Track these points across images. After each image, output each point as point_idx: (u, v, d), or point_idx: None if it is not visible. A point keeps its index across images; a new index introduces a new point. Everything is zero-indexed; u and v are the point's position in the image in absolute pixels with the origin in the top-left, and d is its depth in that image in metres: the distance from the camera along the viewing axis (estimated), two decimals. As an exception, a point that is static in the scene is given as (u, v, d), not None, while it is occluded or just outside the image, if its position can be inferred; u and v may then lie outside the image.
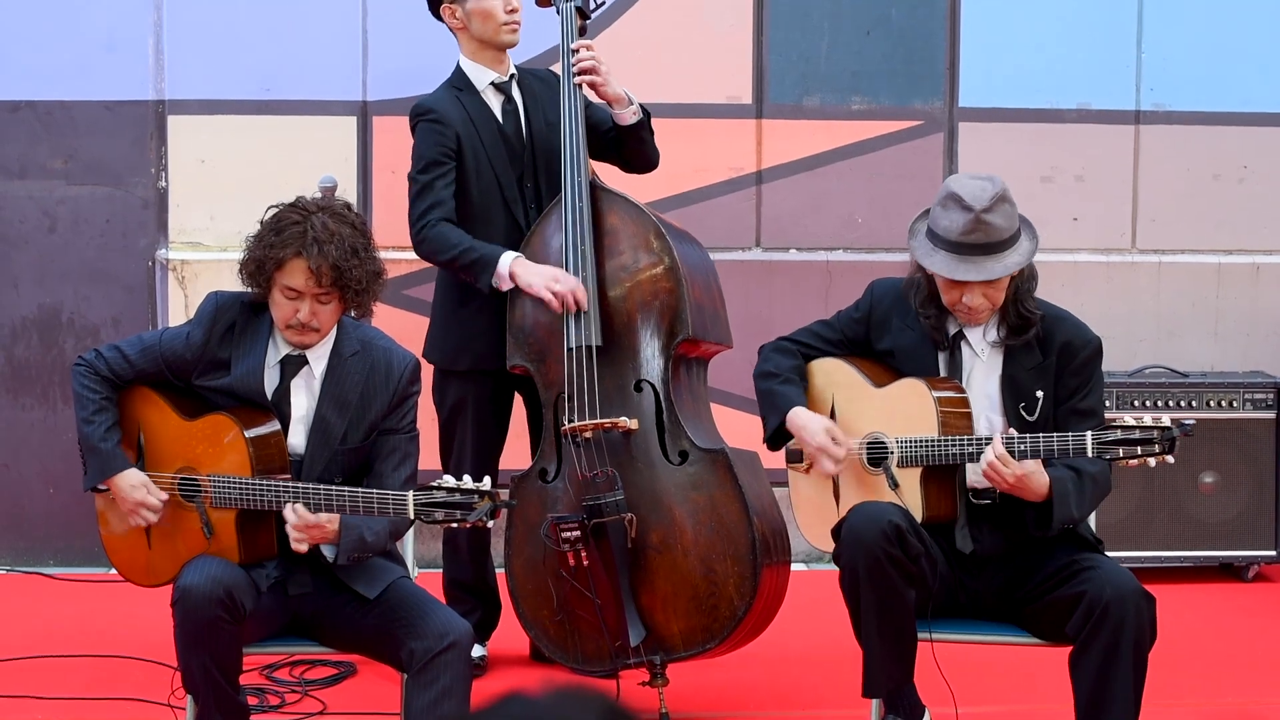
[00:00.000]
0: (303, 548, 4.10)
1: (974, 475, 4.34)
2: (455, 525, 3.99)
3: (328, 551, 4.16)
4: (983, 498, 4.36)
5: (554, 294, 4.87)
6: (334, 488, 4.09)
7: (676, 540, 4.78)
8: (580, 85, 5.10)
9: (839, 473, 4.47)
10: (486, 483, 3.99)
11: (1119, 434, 4.13)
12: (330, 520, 4.08)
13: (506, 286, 4.97)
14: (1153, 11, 6.61)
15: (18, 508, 6.45)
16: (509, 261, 4.96)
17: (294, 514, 4.06)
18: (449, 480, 3.99)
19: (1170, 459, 4.13)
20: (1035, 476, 4.20)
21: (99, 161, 6.40)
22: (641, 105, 5.21)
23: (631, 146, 5.23)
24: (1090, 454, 4.15)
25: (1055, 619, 4.24)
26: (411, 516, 4.02)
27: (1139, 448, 4.11)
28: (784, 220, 6.55)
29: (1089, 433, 4.16)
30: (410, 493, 4.00)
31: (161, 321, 6.31)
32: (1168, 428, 4.11)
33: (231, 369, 4.24)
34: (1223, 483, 6.29)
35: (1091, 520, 4.49)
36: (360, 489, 4.09)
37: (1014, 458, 4.18)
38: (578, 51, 5.11)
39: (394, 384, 4.28)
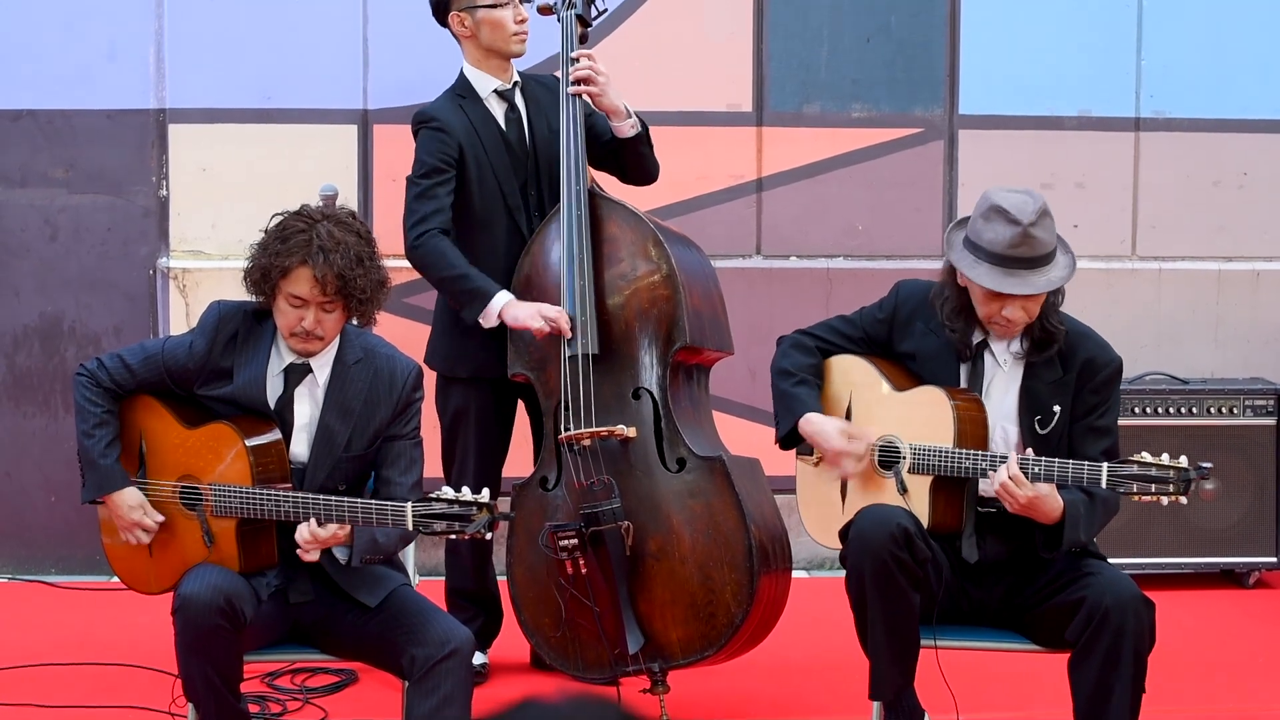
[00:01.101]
0: (312, 556, 4.11)
1: (984, 484, 4.34)
2: (454, 536, 4.00)
3: (340, 554, 4.17)
4: (987, 505, 4.36)
5: (544, 318, 4.87)
6: (334, 498, 4.09)
7: (674, 548, 4.78)
8: (579, 95, 5.10)
9: (855, 473, 4.46)
10: (485, 494, 4.00)
11: (1135, 469, 4.10)
12: (341, 527, 4.09)
13: (490, 324, 4.97)
14: (1152, 18, 6.62)
15: (19, 516, 6.46)
16: (501, 304, 4.96)
17: (307, 532, 4.06)
18: (448, 491, 4.00)
19: (1184, 500, 4.11)
20: (1048, 500, 4.20)
21: (100, 170, 6.41)
22: (641, 119, 5.21)
23: (629, 159, 5.23)
24: (1104, 485, 4.13)
25: (1056, 625, 4.24)
26: (410, 527, 4.02)
27: (1153, 485, 4.09)
28: (784, 228, 6.56)
29: (1105, 464, 4.13)
30: (409, 504, 4.01)
31: (163, 330, 6.32)
32: (1185, 469, 4.08)
33: (234, 378, 4.24)
34: (1224, 489, 6.29)
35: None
36: (360, 500, 4.09)
37: (1027, 479, 4.17)
38: (577, 61, 5.12)
39: (398, 391, 4.29)
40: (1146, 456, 4.11)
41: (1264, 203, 6.72)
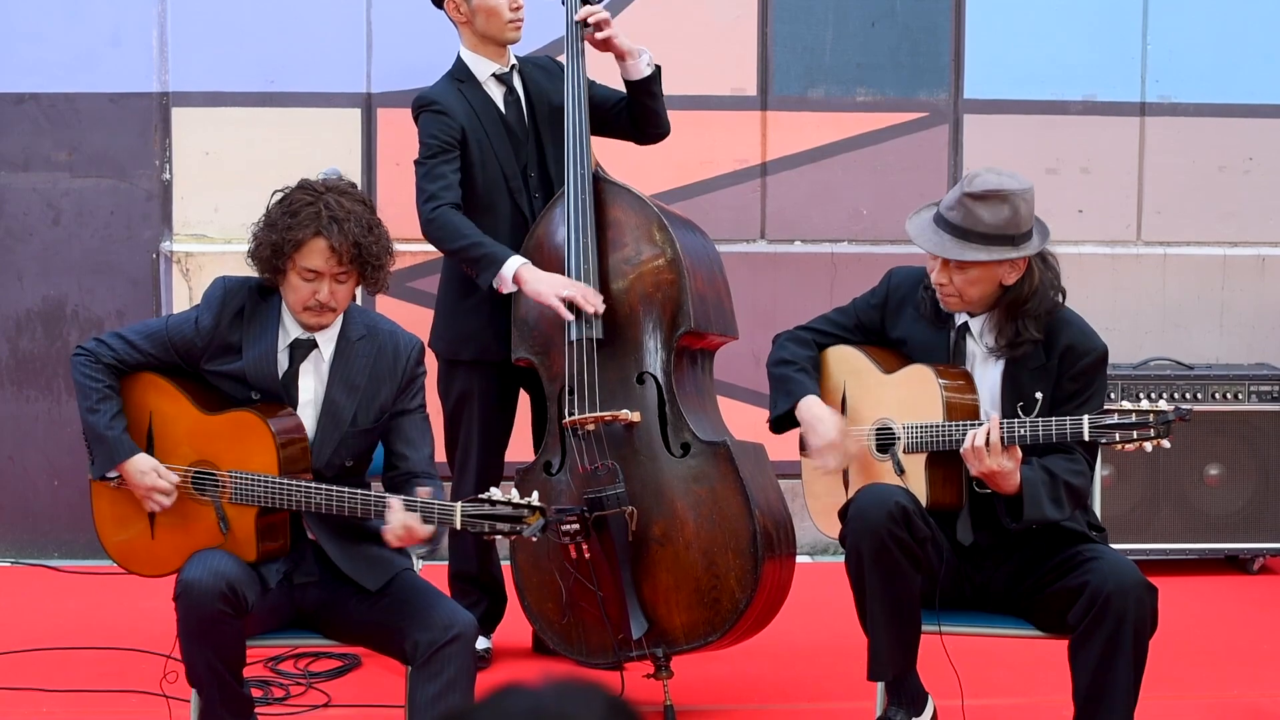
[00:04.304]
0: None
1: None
2: (499, 538, 4.02)
3: (419, 550, 4.22)
4: (985, 486, 4.35)
5: (563, 299, 4.84)
6: (372, 494, 4.08)
7: (678, 533, 4.78)
8: (587, 40, 5.07)
9: (836, 471, 4.46)
10: (535, 498, 4.00)
11: (1115, 418, 4.14)
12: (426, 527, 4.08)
13: (506, 290, 4.95)
14: (1158, 3, 6.60)
15: (22, 500, 6.46)
16: (515, 266, 4.94)
17: (402, 528, 4.03)
18: (496, 493, 4.00)
19: (1166, 443, 4.14)
20: (1010, 475, 4.20)
21: (103, 154, 6.39)
22: (656, 63, 5.18)
23: (643, 104, 5.19)
24: (1086, 437, 4.16)
25: (1059, 610, 4.24)
26: (458, 527, 4.01)
27: (1134, 431, 4.12)
28: (789, 212, 6.55)
29: (1085, 416, 4.17)
30: (459, 504, 3.99)
31: (166, 313, 6.30)
32: (1163, 411, 4.13)
33: (243, 354, 4.22)
34: (1228, 475, 6.28)
35: (1096, 509, 4.48)
36: (402, 497, 4.07)
37: (1014, 441, 4.17)
38: (584, 24, 5.10)
39: (401, 366, 4.28)
40: (1125, 404, 4.17)
41: (1269, 188, 6.70)
